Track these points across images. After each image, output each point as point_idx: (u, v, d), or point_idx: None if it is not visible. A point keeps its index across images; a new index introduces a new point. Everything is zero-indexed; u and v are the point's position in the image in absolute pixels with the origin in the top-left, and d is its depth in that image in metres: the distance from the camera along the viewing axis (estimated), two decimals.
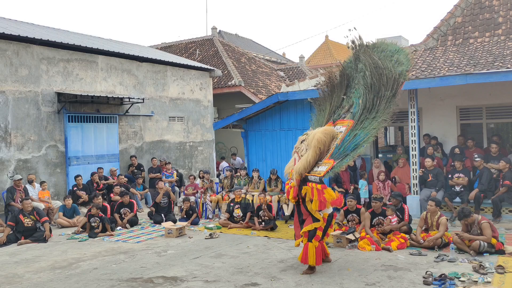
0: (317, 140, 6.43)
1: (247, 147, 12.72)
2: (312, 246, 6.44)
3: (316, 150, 6.43)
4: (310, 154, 6.44)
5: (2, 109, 11.09)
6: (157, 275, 6.71)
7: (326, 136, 6.52)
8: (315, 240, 6.45)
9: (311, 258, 6.42)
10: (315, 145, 6.43)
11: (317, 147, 6.43)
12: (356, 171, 11.63)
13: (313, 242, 6.45)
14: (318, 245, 6.48)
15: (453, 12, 12.43)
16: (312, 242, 6.45)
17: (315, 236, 6.46)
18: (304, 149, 6.63)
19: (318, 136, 6.47)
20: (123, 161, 13.98)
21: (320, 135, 6.48)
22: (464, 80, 9.11)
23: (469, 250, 7.24)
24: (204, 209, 11.79)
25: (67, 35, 14.79)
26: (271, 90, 20.17)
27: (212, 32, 25.15)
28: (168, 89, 15.70)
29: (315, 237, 6.46)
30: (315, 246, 6.44)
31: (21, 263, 7.66)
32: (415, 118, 10.25)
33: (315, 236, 6.46)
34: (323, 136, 6.48)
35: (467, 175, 9.93)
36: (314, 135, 6.55)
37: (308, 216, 6.55)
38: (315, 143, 6.43)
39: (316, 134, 6.52)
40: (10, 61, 11.27)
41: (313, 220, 6.47)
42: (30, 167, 11.63)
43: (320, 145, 6.44)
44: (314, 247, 6.43)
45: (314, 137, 6.50)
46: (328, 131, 6.61)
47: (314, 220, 6.47)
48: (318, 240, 6.49)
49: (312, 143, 6.47)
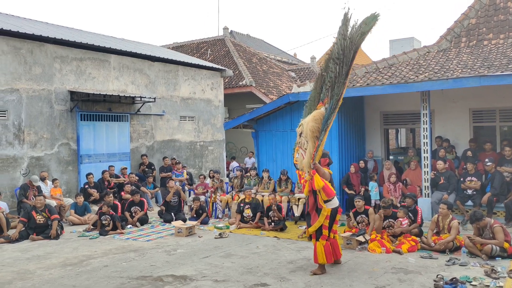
0: (311, 130, 6.53)
1: (257, 147, 12.71)
2: (320, 245, 6.57)
3: (314, 139, 6.54)
4: (310, 146, 6.55)
5: (16, 107, 11.23)
6: (167, 273, 6.73)
7: (317, 122, 6.58)
8: (322, 239, 6.57)
9: (320, 257, 6.56)
10: (311, 135, 6.54)
11: (313, 137, 6.54)
12: (366, 172, 11.57)
13: (320, 241, 6.58)
14: (326, 243, 6.58)
15: (467, 14, 12.30)
16: (320, 241, 6.58)
17: (322, 236, 6.58)
18: (304, 142, 6.71)
19: (311, 125, 6.55)
20: (134, 160, 14.06)
21: (312, 124, 6.55)
22: (477, 82, 9.01)
23: (481, 254, 7.16)
24: (214, 208, 11.81)
25: (80, 34, 14.93)
26: (282, 91, 20.16)
27: (223, 32, 25.21)
28: (180, 89, 15.77)
29: (322, 236, 6.58)
30: (322, 244, 6.56)
31: (32, 259, 7.75)
32: (427, 120, 10.17)
33: (322, 235, 6.58)
34: (314, 124, 6.55)
35: (479, 179, 9.81)
36: (307, 125, 6.61)
37: (313, 210, 6.65)
38: (310, 134, 6.53)
39: (308, 124, 6.58)
40: (24, 60, 11.40)
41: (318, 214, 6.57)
42: (43, 164, 11.75)
43: (315, 133, 6.54)
44: (322, 245, 6.56)
45: (307, 128, 6.58)
46: (317, 116, 6.63)
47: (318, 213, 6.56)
48: (325, 239, 6.59)
49: (308, 135, 6.57)
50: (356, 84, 10.68)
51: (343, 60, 6.56)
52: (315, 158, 6.51)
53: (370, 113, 12.63)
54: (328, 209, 6.55)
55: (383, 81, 10.35)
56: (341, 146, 11.45)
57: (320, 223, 6.56)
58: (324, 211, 6.52)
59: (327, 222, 6.58)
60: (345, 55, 6.56)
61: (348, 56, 6.54)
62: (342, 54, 6.57)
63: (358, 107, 12.39)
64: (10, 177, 11.10)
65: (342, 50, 6.60)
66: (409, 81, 9.82)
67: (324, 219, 6.55)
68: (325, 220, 6.56)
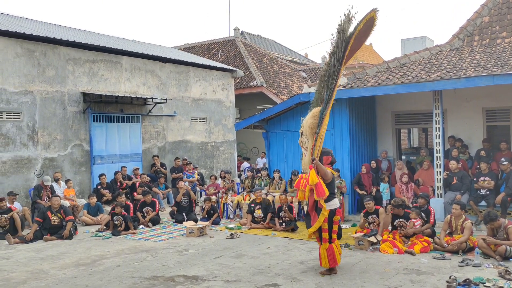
0: (310, 126, 6.55)
1: (268, 147, 12.71)
2: (323, 249, 6.55)
3: (313, 135, 6.54)
4: (310, 144, 6.55)
5: (30, 109, 11.38)
6: (178, 274, 6.77)
7: (315, 118, 6.57)
8: (324, 243, 6.52)
9: (323, 260, 6.55)
10: (310, 132, 6.55)
11: (312, 133, 6.54)
12: (378, 173, 11.51)
13: (323, 245, 6.54)
14: (329, 246, 6.51)
15: (480, 12, 12.16)
16: (322, 245, 6.55)
17: (323, 239, 6.53)
18: (305, 141, 6.69)
19: (310, 122, 6.57)
20: (146, 161, 14.16)
21: (311, 121, 6.57)
22: (491, 81, 8.90)
23: (495, 255, 7.08)
24: (225, 209, 11.84)
25: (92, 36, 15.08)
26: (293, 91, 20.13)
27: (234, 33, 25.25)
28: (191, 90, 15.84)
29: (323, 240, 6.52)
30: (325, 248, 6.52)
31: (46, 259, 7.85)
32: (439, 120, 10.08)
33: (323, 239, 6.52)
34: (313, 120, 6.56)
35: (493, 179, 9.69)
36: (306, 122, 6.63)
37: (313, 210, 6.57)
38: (309, 131, 6.55)
39: (307, 122, 6.60)
40: (38, 62, 11.56)
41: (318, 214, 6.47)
42: (56, 165, 11.89)
43: (314, 129, 6.54)
44: (325, 249, 6.52)
45: (306, 125, 6.60)
46: (315, 112, 6.63)
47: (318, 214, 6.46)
48: (326, 242, 6.51)
49: (307, 132, 6.58)
50: (368, 84, 10.62)
51: (337, 51, 6.57)
52: (313, 153, 6.45)
53: (382, 113, 12.55)
54: (327, 210, 6.43)
55: (394, 81, 10.27)
56: (352, 146, 11.40)
57: (320, 223, 6.44)
58: (324, 211, 6.39)
59: (325, 225, 6.47)
60: (338, 47, 6.56)
61: (340, 47, 6.54)
62: (336, 47, 6.59)
63: (369, 107, 12.32)
64: (25, 178, 11.25)
65: (336, 44, 6.62)
66: (421, 80, 9.74)
67: (323, 219, 6.42)
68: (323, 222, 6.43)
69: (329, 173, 6.54)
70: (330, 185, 6.52)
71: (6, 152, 10.93)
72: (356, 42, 6.69)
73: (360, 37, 6.74)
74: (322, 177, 6.40)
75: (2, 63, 10.86)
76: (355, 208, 11.38)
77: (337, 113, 11.30)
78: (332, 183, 6.63)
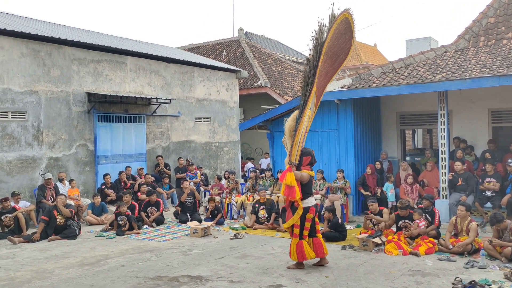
0: (289, 129, 6.89)
1: (272, 148, 12.69)
2: (293, 243, 6.83)
3: (291, 137, 6.81)
4: (289, 144, 6.84)
5: (35, 109, 11.42)
6: (182, 274, 6.77)
7: (294, 121, 6.85)
8: (294, 237, 6.82)
9: (292, 254, 6.84)
10: (288, 134, 6.87)
11: (291, 136, 6.82)
12: (383, 174, 11.47)
13: (294, 239, 6.84)
14: (298, 242, 6.75)
15: (485, 12, 12.10)
16: (293, 239, 6.85)
17: (293, 234, 6.82)
18: (286, 141, 6.99)
19: (289, 124, 6.90)
20: (150, 161, 14.18)
21: (291, 123, 6.89)
22: (496, 82, 8.85)
23: (501, 257, 7.03)
24: (229, 209, 11.84)
25: (97, 36, 15.12)
26: (297, 92, 20.08)
27: (238, 33, 25.25)
28: (195, 90, 15.85)
29: (294, 235, 6.81)
30: (295, 243, 6.80)
31: (51, 259, 7.86)
32: (445, 121, 10.03)
33: (294, 234, 6.81)
34: (292, 123, 6.85)
35: (498, 180, 9.64)
36: (286, 124, 6.94)
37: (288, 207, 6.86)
38: (288, 133, 6.87)
39: (288, 123, 6.92)
40: (43, 62, 11.59)
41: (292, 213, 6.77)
42: (61, 165, 11.92)
43: (292, 132, 6.80)
44: (294, 244, 6.80)
45: (286, 126, 6.92)
46: (295, 116, 6.89)
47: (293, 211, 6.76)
48: (297, 237, 6.77)
49: (287, 134, 6.90)
50: (372, 85, 10.59)
51: (313, 61, 6.74)
52: (292, 155, 6.69)
53: (387, 113, 12.51)
54: (301, 207, 6.70)
55: (399, 81, 10.24)
56: (357, 147, 11.37)
57: (294, 221, 6.74)
58: (299, 210, 6.68)
59: (298, 221, 6.74)
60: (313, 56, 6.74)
61: (315, 56, 6.68)
62: (312, 56, 6.77)
63: (374, 108, 12.28)
64: (29, 177, 11.29)
65: (313, 51, 6.77)
66: (426, 81, 9.70)
67: (298, 217, 6.71)
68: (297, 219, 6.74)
69: (305, 175, 6.80)
70: (306, 185, 6.85)
71: (11, 151, 10.97)
72: (335, 45, 6.88)
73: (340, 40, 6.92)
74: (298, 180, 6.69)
75: (7, 63, 10.90)
76: (359, 209, 11.35)
77: (341, 113, 11.28)
78: (309, 183, 6.97)
